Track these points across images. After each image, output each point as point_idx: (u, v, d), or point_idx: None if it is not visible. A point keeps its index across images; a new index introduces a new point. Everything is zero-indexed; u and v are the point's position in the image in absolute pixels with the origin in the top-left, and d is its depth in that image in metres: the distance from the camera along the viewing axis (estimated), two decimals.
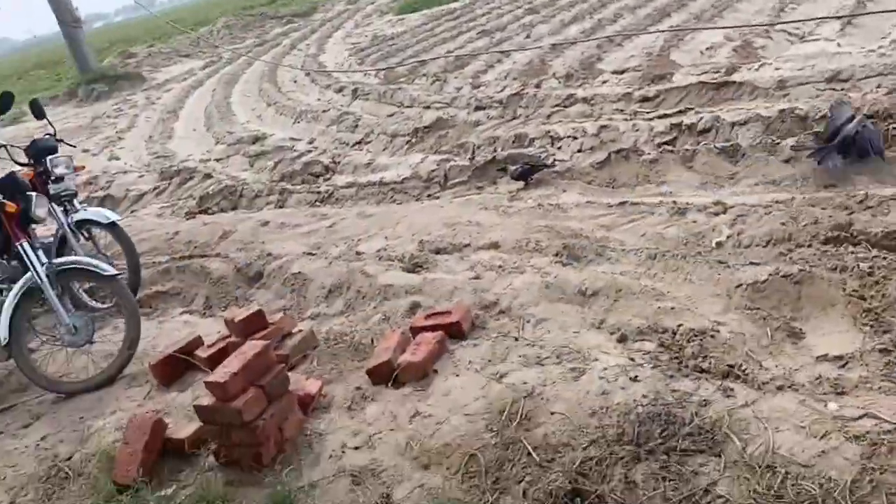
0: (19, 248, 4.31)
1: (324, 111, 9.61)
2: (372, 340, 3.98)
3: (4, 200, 4.29)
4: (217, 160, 9.07)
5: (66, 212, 5.50)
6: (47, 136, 5.68)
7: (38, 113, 5.76)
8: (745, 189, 4.61)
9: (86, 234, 5.60)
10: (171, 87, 17.79)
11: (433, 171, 6.26)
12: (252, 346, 3.41)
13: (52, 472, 3.65)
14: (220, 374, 3.28)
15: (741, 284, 3.40)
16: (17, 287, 4.33)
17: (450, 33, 12.82)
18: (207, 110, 12.73)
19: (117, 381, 4.38)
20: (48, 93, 22.46)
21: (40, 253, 4.45)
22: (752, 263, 3.59)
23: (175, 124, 12.60)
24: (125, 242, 5.43)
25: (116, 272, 4.44)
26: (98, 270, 4.37)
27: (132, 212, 8.10)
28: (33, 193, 4.40)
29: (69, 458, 3.73)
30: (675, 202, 4.59)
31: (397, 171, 6.62)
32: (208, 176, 8.23)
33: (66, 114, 17.90)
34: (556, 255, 4.34)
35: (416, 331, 3.78)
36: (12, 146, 5.66)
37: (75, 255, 5.48)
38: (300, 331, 4.16)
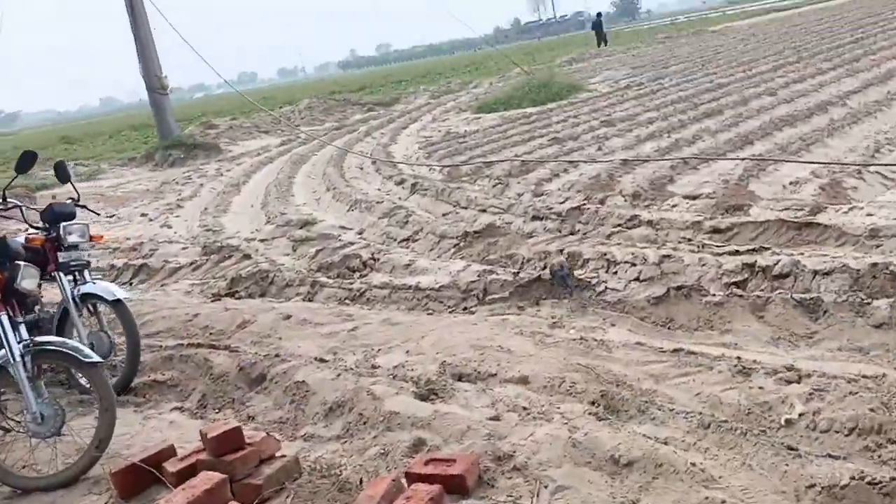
0: None
1: (378, 202, 9.26)
2: (361, 481, 3.38)
3: None
4: (262, 240, 8.74)
5: (75, 282, 5.15)
6: (68, 202, 5.39)
7: (63, 176, 5.49)
8: (826, 354, 3.90)
9: (91, 309, 5.23)
10: (244, 160, 17.96)
11: (473, 282, 5.71)
12: (205, 479, 2.86)
13: None
14: None
15: (814, 484, 2.70)
16: None
17: (521, 137, 12.51)
18: (268, 188, 12.60)
19: (79, 482, 3.87)
20: (131, 154, 23.14)
21: (21, 329, 4.04)
22: (829, 456, 2.88)
23: (234, 198, 12.48)
24: (128, 324, 5.00)
25: (98, 360, 3.98)
26: (78, 356, 3.93)
27: (162, 285, 7.76)
28: (22, 263, 4.02)
29: None
30: (739, 358, 3.91)
31: (436, 276, 6.09)
32: (247, 256, 7.88)
33: (140, 176, 18.22)
34: (592, 403, 3.70)
35: (412, 477, 3.17)
36: (28, 207, 5.39)
37: (75, 330, 5.11)
38: (283, 456, 3.59)
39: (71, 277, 5.11)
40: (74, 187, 5.65)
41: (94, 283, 5.11)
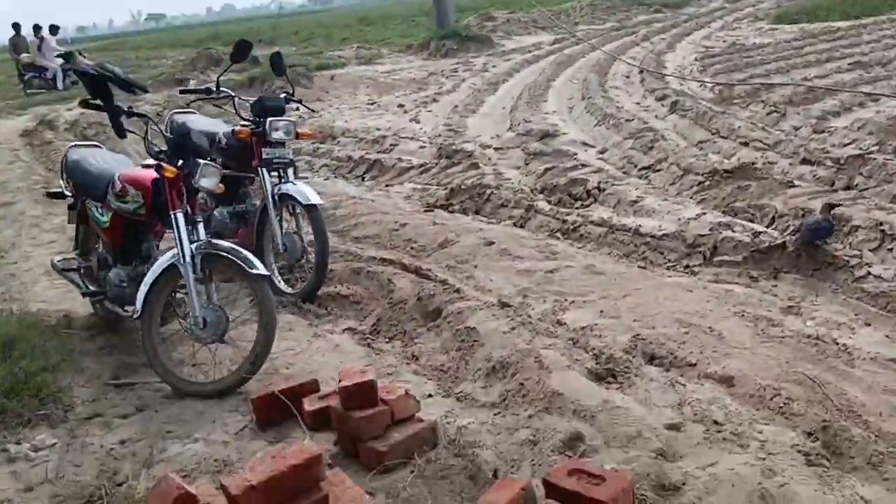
0: (172, 217, 3.83)
1: (628, 120, 8.33)
2: (496, 472, 2.87)
3: (164, 163, 3.81)
4: (497, 149, 8.25)
5: (279, 179, 5.04)
6: (281, 95, 5.23)
7: (278, 69, 5.32)
8: None
9: (290, 209, 5.12)
10: (512, 57, 17.44)
11: (703, 235, 4.79)
12: (297, 453, 2.49)
13: (95, 497, 3.12)
14: (236, 480, 2.42)
15: None
16: (159, 261, 3.87)
17: (818, 56, 10.66)
18: (524, 90, 12.00)
19: (232, 395, 3.78)
20: (406, 40, 23.57)
21: (199, 228, 3.94)
22: None
23: (488, 97, 12.06)
24: (318, 231, 4.80)
25: (264, 273, 3.77)
26: (245, 266, 3.74)
27: (388, 185, 7.60)
28: (202, 161, 3.86)
29: (120, 485, 3.18)
30: None
31: (662, 221, 5.23)
32: (475, 166, 7.44)
33: (413, 64, 18.43)
34: (808, 435, 2.84)
35: (549, 486, 2.60)
36: (241, 98, 5.31)
37: (270, 229, 5.03)
38: (420, 420, 3.18)
39: (275, 174, 5.01)
40: (289, 81, 5.51)
41: (294, 183, 4.94)
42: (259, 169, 4.94)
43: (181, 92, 5.88)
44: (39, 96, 19.33)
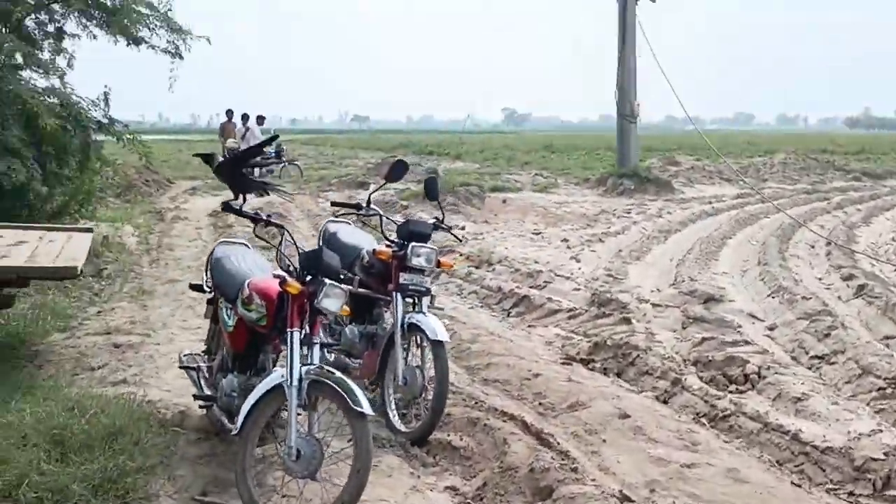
0: (288, 335, 3.71)
1: (805, 297, 7.61)
2: None
3: (289, 278, 3.73)
4: (654, 305, 7.75)
5: (413, 307, 4.87)
6: (429, 221, 5.13)
7: (431, 194, 5.25)
8: None
9: (417, 340, 4.91)
10: (690, 206, 16.93)
11: (875, 459, 4.06)
12: None
13: None
14: None
15: None
16: (267, 379, 3.74)
17: None
18: (696, 244, 11.45)
19: None
20: (586, 173, 23.61)
21: (315, 350, 3.79)
22: None
23: (657, 246, 11.60)
24: (441, 372, 4.54)
25: (367, 412, 3.54)
26: (349, 400, 3.53)
27: (530, 326, 7.28)
28: (328, 281, 3.73)
29: None
30: None
31: (827, 429, 4.53)
32: (626, 321, 6.99)
33: (586, 199, 18.31)
34: None
35: None
36: (388, 218, 5.25)
37: (394, 359, 4.83)
38: None
39: (410, 301, 4.86)
40: (441, 208, 5.38)
41: (425, 314, 4.74)
42: (394, 294, 4.81)
43: (332, 204, 5.99)
44: None
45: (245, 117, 22.21)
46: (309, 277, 3.73)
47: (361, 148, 54.41)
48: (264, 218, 3.94)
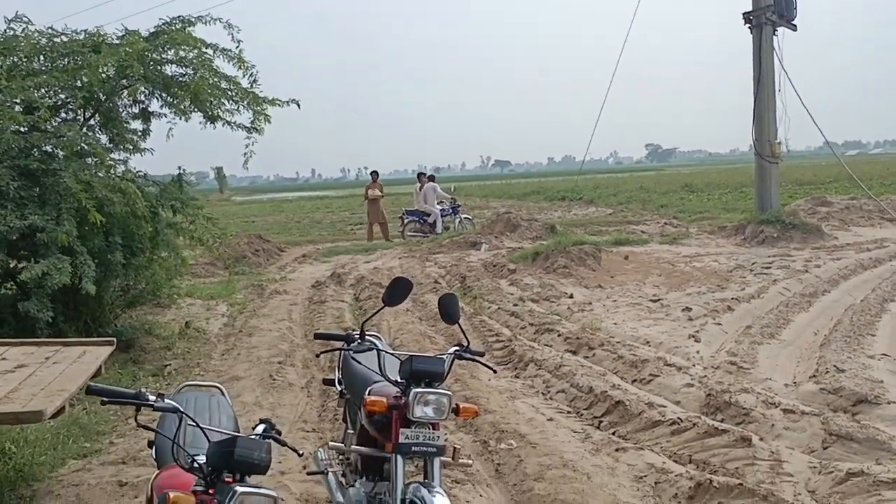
0: None
1: None
2: None
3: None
4: (786, 410, 6.10)
5: (425, 473, 3.65)
6: (443, 356, 3.91)
7: (448, 314, 3.97)
8: None
9: None
10: (845, 254, 14.71)
11: None
12: None
13: None
14: None
15: None
16: None
17: None
18: (847, 311, 9.54)
19: None
20: (727, 216, 21.53)
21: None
22: None
23: (797, 315, 9.77)
24: None
25: None
26: None
27: (620, 449, 5.81)
28: (240, 489, 2.63)
29: None
30: None
31: None
32: (745, 440, 5.44)
33: (720, 250, 16.43)
34: None
35: None
36: (390, 353, 4.05)
37: None
38: None
39: (413, 468, 3.66)
40: (465, 334, 4.08)
41: (433, 488, 3.48)
42: (393, 456, 3.62)
43: (315, 336, 4.58)
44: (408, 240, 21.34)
45: (421, 176, 24.12)
46: None
47: (494, 196, 53.70)
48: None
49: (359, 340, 3.95)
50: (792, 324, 9.34)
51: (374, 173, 23.53)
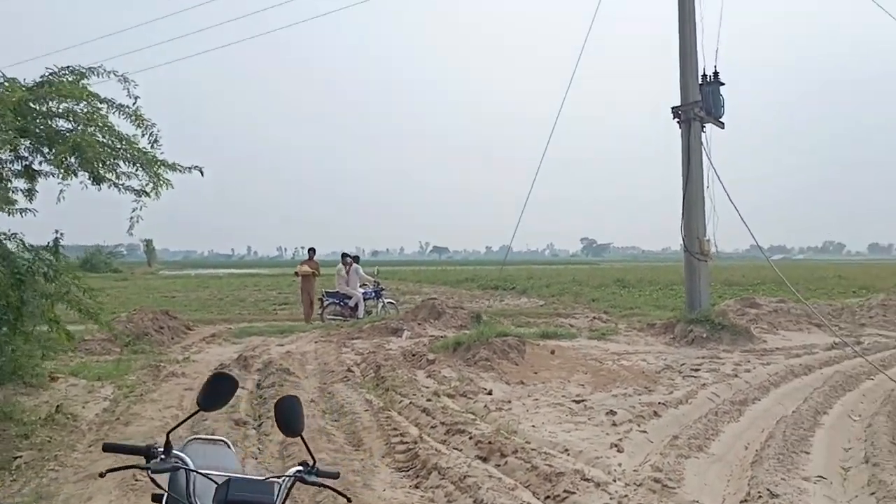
0: None
1: None
2: None
3: None
4: None
5: None
6: (290, 472, 2.98)
7: (286, 425, 3.04)
8: None
9: None
10: (775, 360, 14.25)
11: None
12: None
13: None
14: None
15: None
16: None
17: None
18: (778, 425, 8.90)
19: None
20: (657, 313, 21.14)
21: None
22: None
23: (727, 426, 9.08)
24: None
25: None
26: None
27: None
28: None
29: None
30: None
31: None
32: None
33: (649, 349, 15.86)
34: None
35: None
36: (203, 474, 3.10)
37: None
38: None
39: None
40: (310, 450, 3.16)
41: None
42: None
43: (104, 448, 3.39)
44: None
45: (344, 256, 22.96)
46: None
47: (428, 281, 53.15)
48: None
49: (162, 457, 2.96)
50: (721, 435, 8.63)
51: (311, 250, 22.88)
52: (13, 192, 9.45)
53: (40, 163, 9.25)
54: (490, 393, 10.94)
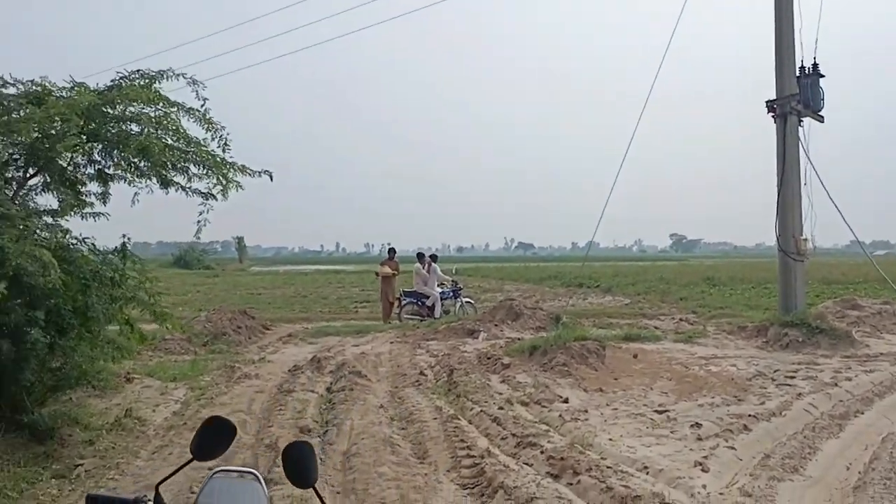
0: None
1: None
2: None
3: None
4: None
5: None
6: None
7: (299, 476, 2.62)
8: None
9: None
10: (878, 366, 13.20)
11: None
12: None
13: None
14: None
15: None
16: None
17: None
18: (885, 443, 8.09)
19: None
20: (749, 314, 20.11)
21: None
22: None
23: (825, 442, 8.32)
24: None
25: None
26: None
27: None
28: None
29: None
30: None
31: None
32: None
33: (739, 353, 14.97)
34: None
35: None
36: None
37: None
38: None
39: None
40: (320, 497, 2.75)
41: None
42: None
43: (87, 500, 2.97)
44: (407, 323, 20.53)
45: (422, 257, 22.70)
46: None
47: (511, 279, 52.54)
48: None
49: None
50: (819, 453, 7.89)
51: (392, 250, 22.87)
52: (86, 195, 9.51)
53: (110, 167, 9.28)
54: (566, 401, 10.43)
